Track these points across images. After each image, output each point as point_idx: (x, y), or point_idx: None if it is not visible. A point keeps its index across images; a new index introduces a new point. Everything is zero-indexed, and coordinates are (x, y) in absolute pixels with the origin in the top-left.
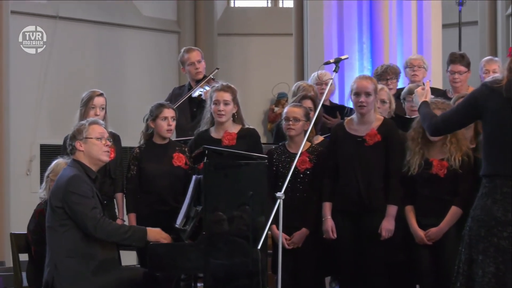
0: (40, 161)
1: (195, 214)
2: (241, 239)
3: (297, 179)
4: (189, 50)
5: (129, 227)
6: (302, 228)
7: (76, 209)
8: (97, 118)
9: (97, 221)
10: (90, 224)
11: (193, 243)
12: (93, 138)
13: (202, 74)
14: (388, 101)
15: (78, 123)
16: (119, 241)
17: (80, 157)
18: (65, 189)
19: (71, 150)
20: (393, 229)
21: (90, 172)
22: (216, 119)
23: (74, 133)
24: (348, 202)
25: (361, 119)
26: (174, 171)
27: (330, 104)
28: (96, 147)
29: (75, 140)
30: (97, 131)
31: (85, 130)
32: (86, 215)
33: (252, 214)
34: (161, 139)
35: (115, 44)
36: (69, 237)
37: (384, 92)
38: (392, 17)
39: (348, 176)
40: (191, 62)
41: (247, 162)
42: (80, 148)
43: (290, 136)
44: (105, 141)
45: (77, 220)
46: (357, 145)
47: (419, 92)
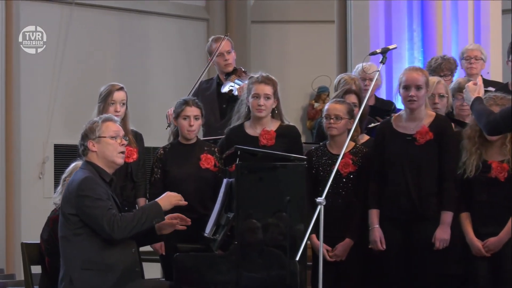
0: (54, 163)
1: (226, 221)
2: (277, 249)
3: (339, 184)
4: (217, 39)
5: (140, 210)
6: (346, 238)
7: (90, 214)
8: (111, 115)
9: (113, 221)
10: (107, 227)
11: (224, 254)
12: (107, 137)
13: (232, 66)
14: (447, 95)
15: (90, 120)
16: (141, 229)
17: (93, 158)
18: (77, 193)
19: (83, 151)
20: (448, 239)
21: (104, 175)
22: (255, 114)
23: (86, 132)
24: (398, 209)
25: (410, 115)
26: (202, 174)
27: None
28: (110, 147)
29: (87, 140)
30: (111, 129)
31: (98, 128)
32: (102, 218)
33: (290, 221)
34: (186, 139)
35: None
36: (85, 247)
37: (441, 86)
38: (445, 1)
39: (397, 179)
40: (219, 53)
41: (284, 164)
42: (93, 148)
43: (331, 135)
44: (121, 140)
45: (93, 225)
46: (407, 145)
47: (471, 87)
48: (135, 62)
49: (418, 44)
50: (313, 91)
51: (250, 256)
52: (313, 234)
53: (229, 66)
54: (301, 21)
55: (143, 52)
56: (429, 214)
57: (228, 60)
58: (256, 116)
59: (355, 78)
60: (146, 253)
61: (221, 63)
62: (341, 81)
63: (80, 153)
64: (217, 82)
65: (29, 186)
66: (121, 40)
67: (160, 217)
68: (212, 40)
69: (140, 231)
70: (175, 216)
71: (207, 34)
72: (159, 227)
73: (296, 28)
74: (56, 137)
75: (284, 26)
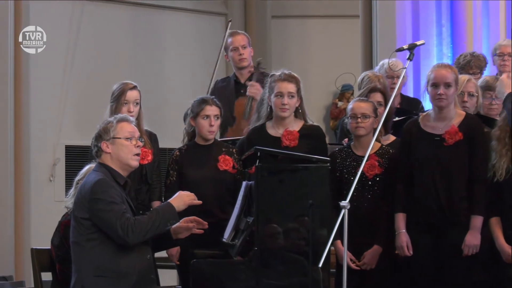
0: (65, 165)
1: (246, 226)
2: (299, 256)
3: (364, 187)
4: (233, 33)
5: (154, 212)
6: (374, 245)
7: (103, 217)
8: (126, 115)
9: (127, 226)
10: (121, 231)
11: (243, 260)
12: (122, 138)
13: (247, 62)
14: (477, 94)
15: (104, 120)
16: (156, 232)
17: (107, 160)
18: (90, 196)
19: (96, 152)
20: (478, 244)
21: (118, 177)
22: (278, 113)
23: (100, 132)
24: (426, 213)
25: (439, 114)
26: (220, 177)
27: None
28: (125, 148)
29: (101, 141)
30: (126, 129)
31: (113, 128)
32: (115, 222)
33: (312, 226)
34: (204, 139)
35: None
36: (98, 253)
37: (471, 84)
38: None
39: (425, 182)
40: (234, 47)
41: (306, 166)
42: (107, 149)
43: (358, 135)
44: (136, 141)
45: (107, 230)
46: (435, 145)
47: (505, 81)
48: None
49: (447, 39)
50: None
51: (271, 263)
52: (338, 240)
53: (243, 61)
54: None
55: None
56: (458, 218)
57: (243, 55)
58: (279, 115)
59: (380, 76)
60: (161, 260)
61: (236, 57)
62: (364, 78)
63: (93, 154)
64: (234, 80)
65: (39, 189)
66: (134, 36)
67: (175, 218)
68: (228, 34)
69: (155, 234)
70: (192, 219)
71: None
72: (175, 231)
73: (319, 23)
74: (67, 138)
75: (306, 21)
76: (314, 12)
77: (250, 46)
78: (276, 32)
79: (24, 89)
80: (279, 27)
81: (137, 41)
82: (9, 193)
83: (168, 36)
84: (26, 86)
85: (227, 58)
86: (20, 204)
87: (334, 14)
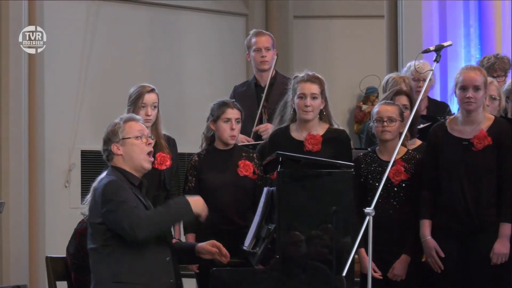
0: (81, 170)
1: (267, 234)
2: (322, 264)
3: (390, 193)
4: (258, 33)
5: (165, 207)
6: (402, 255)
7: (111, 218)
8: (132, 114)
9: (132, 221)
10: (127, 226)
11: (265, 269)
12: (132, 137)
13: (268, 66)
14: (499, 98)
15: (110, 123)
16: (168, 227)
17: (119, 163)
18: (101, 200)
19: (107, 156)
20: (507, 253)
21: (132, 179)
22: (302, 116)
23: (108, 135)
24: (453, 219)
25: (467, 118)
26: (240, 182)
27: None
28: (136, 147)
29: (110, 144)
30: (135, 128)
31: (121, 129)
32: (122, 219)
33: (336, 234)
34: (224, 144)
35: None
36: (115, 259)
37: (493, 87)
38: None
39: (452, 188)
40: (257, 48)
41: (330, 171)
42: (118, 151)
43: (384, 140)
44: (146, 139)
45: (117, 230)
46: (463, 150)
47: None
48: (167, 61)
49: (475, 41)
50: (361, 92)
51: (293, 272)
52: (362, 249)
53: (265, 64)
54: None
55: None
56: (486, 225)
57: (265, 57)
58: (302, 118)
59: (405, 77)
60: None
61: (258, 59)
62: (389, 80)
63: (105, 159)
64: (254, 84)
65: (54, 196)
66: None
67: (189, 215)
68: (252, 33)
69: (166, 229)
70: (217, 245)
71: (246, 30)
72: (199, 250)
73: (342, 24)
74: (83, 143)
75: (329, 22)
76: (338, 12)
77: (274, 49)
78: (298, 33)
79: (38, 92)
80: (302, 28)
81: (155, 42)
82: (23, 199)
83: (187, 37)
84: (40, 90)
85: (249, 57)
86: (35, 210)
87: (359, 14)
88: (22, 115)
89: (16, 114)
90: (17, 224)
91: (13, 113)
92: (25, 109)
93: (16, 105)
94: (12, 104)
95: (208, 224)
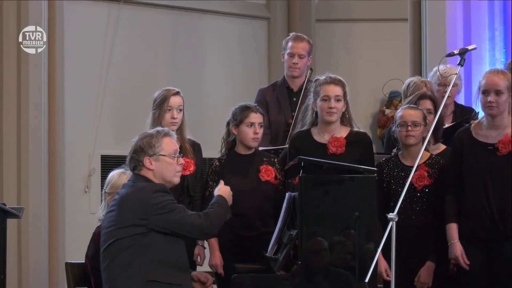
0: (101, 176)
1: (289, 239)
2: (345, 270)
3: (413, 199)
4: (296, 38)
5: (216, 204)
6: (426, 262)
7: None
8: (168, 129)
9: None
10: (200, 225)
11: (287, 275)
12: (167, 156)
13: (298, 73)
14: None
15: (144, 133)
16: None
17: (148, 175)
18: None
19: (135, 166)
20: None
21: None
22: (325, 118)
23: (143, 146)
24: (477, 226)
25: (492, 122)
26: (262, 188)
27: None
28: (170, 166)
29: (143, 155)
30: (171, 147)
31: (158, 144)
32: (186, 218)
33: (359, 240)
34: (246, 149)
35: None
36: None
37: None
38: None
39: (477, 193)
40: (291, 53)
41: (352, 177)
42: (150, 166)
43: (408, 145)
44: (179, 159)
45: (181, 230)
46: (488, 155)
47: None
48: (189, 65)
49: (500, 44)
50: (384, 96)
51: (315, 278)
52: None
53: (295, 71)
54: (370, 19)
55: (198, 54)
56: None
57: (296, 64)
58: (325, 120)
59: (426, 81)
60: None
61: (289, 64)
62: (410, 84)
63: (129, 166)
64: (286, 87)
65: (74, 201)
66: (173, 42)
67: (230, 212)
68: (291, 35)
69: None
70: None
71: (268, 34)
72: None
73: (365, 27)
74: (103, 148)
75: (352, 25)
76: (361, 16)
77: (310, 56)
78: (320, 36)
79: (58, 97)
80: (324, 31)
81: (176, 46)
82: (43, 205)
83: (209, 41)
84: (60, 94)
85: (283, 58)
86: (54, 216)
87: (382, 17)
88: (41, 120)
89: (36, 119)
90: (37, 230)
91: (32, 118)
92: (44, 114)
93: (36, 111)
94: (31, 109)
95: (229, 230)
